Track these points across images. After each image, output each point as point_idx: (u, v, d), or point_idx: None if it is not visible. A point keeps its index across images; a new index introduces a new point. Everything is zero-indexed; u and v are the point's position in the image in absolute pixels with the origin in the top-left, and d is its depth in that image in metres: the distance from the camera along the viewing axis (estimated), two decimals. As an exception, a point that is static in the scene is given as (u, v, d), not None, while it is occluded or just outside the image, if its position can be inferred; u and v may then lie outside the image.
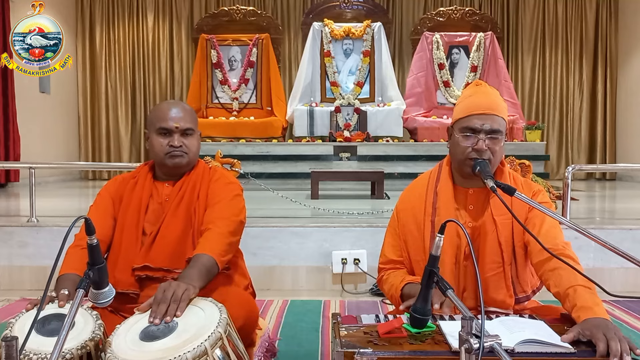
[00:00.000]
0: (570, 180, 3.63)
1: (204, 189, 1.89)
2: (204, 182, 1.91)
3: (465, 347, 1.09)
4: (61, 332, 1.12)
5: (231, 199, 1.87)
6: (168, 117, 1.86)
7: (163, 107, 1.92)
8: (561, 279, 1.50)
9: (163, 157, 1.86)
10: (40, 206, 3.87)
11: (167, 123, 1.85)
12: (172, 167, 1.87)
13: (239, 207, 1.88)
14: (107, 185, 1.97)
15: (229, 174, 2.00)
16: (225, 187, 1.89)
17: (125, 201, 1.88)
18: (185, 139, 1.87)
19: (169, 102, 1.98)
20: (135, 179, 1.93)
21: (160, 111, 1.90)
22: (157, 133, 1.86)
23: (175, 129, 1.85)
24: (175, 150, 1.85)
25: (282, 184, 6.47)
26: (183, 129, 1.86)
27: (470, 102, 1.69)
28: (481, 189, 1.71)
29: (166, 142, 1.85)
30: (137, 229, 1.83)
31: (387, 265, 1.82)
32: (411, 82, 7.88)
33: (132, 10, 9.05)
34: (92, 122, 9.05)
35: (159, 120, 1.87)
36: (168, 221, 1.83)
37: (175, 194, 1.87)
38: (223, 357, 1.36)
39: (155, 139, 1.87)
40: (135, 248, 1.80)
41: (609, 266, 3.34)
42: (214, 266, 1.66)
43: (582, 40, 8.93)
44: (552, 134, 8.99)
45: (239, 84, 7.86)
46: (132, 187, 1.90)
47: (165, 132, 1.85)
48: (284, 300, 3.18)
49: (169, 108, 1.88)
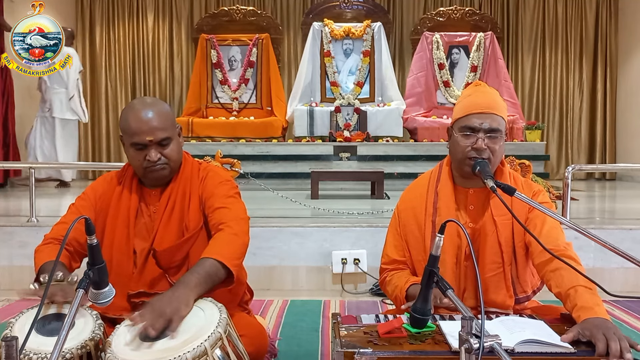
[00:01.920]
0: (570, 180, 3.62)
1: (196, 190, 1.76)
2: (194, 183, 1.77)
3: (465, 347, 1.09)
4: (61, 332, 1.12)
5: (233, 197, 1.77)
6: (140, 130, 1.66)
7: (132, 118, 1.68)
8: (562, 279, 1.50)
9: (143, 172, 1.72)
10: (40, 206, 3.87)
11: (140, 137, 1.66)
12: (155, 178, 1.74)
13: (242, 205, 1.79)
14: (93, 186, 1.84)
15: (222, 170, 1.88)
16: (222, 186, 1.78)
17: (112, 213, 1.75)
18: (164, 149, 1.70)
19: (137, 109, 1.69)
20: (121, 185, 1.79)
21: (130, 123, 1.68)
22: (131, 146, 1.70)
23: (149, 142, 1.67)
24: (154, 165, 1.69)
25: (282, 184, 6.47)
26: (158, 140, 1.68)
27: (469, 101, 1.69)
28: (481, 189, 1.71)
29: (143, 156, 1.68)
30: (127, 246, 1.72)
31: (390, 266, 1.82)
32: (411, 82, 7.88)
33: (132, 10, 9.04)
34: (92, 122, 9.04)
35: (129, 134, 1.68)
36: (161, 236, 1.71)
37: (165, 205, 1.73)
38: (223, 357, 1.36)
39: (130, 151, 1.71)
40: (127, 268, 1.70)
41: (609, 266, 3.34)
42: (219, 271, 1.55)
43: (582, 40, 8.93)
44: (552, 134, 8.98)
45: (239, 84, 7.86)
46: (118, 196, 1.77)
47: (140, 147, 1.68)
48: (284, 300, 3.17)
49: (140, 118, 1.67)
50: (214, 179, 1.80)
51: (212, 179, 1.80)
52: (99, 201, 1.80)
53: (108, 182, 1.83)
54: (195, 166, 1.84)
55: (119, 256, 1.72)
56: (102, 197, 1.80)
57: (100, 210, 1.78)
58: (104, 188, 1.81)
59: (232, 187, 1.81)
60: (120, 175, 1.83)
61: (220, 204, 1.73)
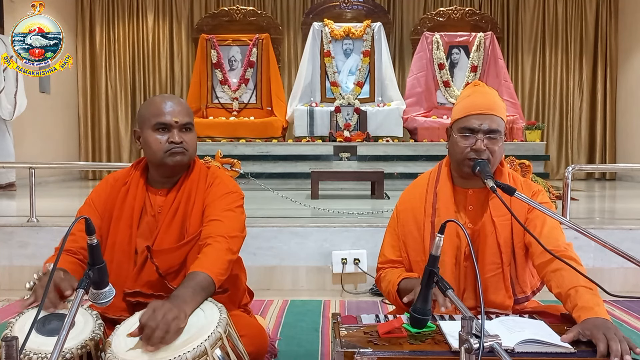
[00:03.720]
0: (570, 180, 3.62)
1: (200, 196, 1.74)
2: (200, 189, 1.76)
3: (465, 347, 1.09)
4: (61, 331, 1.12)
5: (232, 211, 1.73)
6: (165, 111, 1.69)
7: (157, 101, 1.73)
8: (563, 279, 1.50)
9: (162, 156, 1.70)
10: (40, 206, 3.87)
11: (165, 117, 1.69)
12: (172, 166, 1.72)
13: (241, 221, 1.75)
14: (96, 190, 1.82)
15: (229, 180, 1.84)
16: (225, 197, 1.74)
17: (116, 214, 1.74)
18: (185, 135, 1.72)
19: (162, 95, 1.78)
20: (127, 186, 1.77)
21: (155, 106, 1.72)
22: (154, 129, 1.70)
23: (174, 123, 1.69)
24: (177, 147, 1.69)
25: (282, 184, 6.47)
26: (182, 123, 1.71)
27: (469, 102, 1.69)
28: (481, 190, 1.71)
29: (165, 139, 1.69)
30: (129, 246, 1.71)
31: (386, 265, 1.82)
32: (411, 82, 7.88)
33: (132, 10, 9.04)
34: (92, 122, 9.05)
35: (154, 115, 1.70)
36: (161, 237, 1.70)
37: (169, 205, 1.73)
38: (223, 357, 1.36)
39: (151, 135, 1.70)
40: (127, 268, 1.70)
41: (609, 266, 3.34)
42: (211, 285, 1.54)
43: (582, 40, 8.93)
44: (552, 134, 8.98)
45: (239, 84, 7.86)
46: (123, 197, 1.76)
47: (164, 127, 1.69)
48: (284, 300, 3.18)
49: (165, 101, 1.72)
50: (220, 187, 1.78)
51: (218, 186, 1.77)
52: (103, 204, 1.78)
53: (111, 185, 1.81)
54: (204, 170, 1.82)
55: (120, 256, 1.71)
56: (106, 201, 1.78)
57: (105, 213, 1.77)
58: (107, 192, 1.80)
59: (235, 200, 1.77)
60: (126, 175, 1.82)
61: (216, 217, 1.70)
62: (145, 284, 1.69)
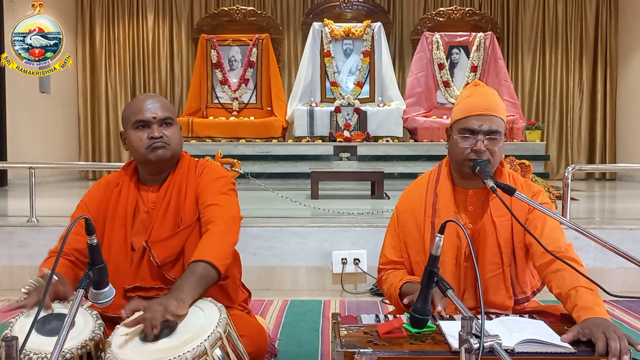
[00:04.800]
0: (570, 180, 3.62)
1: (192, 186, 1.78)
2: (190, 179, 1.79)
3: (465, 347, 1.09)
4: (61, 331, 1.12)
5: (226, 194, 1.77)
6: (144, 108, 1.74)
7: (136, 100, 1.80)
8: (564, 280, 1.50)
9: (145, 152, 1.73)
10: (40, 206, 3.87)
11: (145, 114, 1.73)
12: (155, 161, 1.74)
13: (236, 202, 1.79)
14: (89, 194, 1.85)
15: (218, 167, 1.89)
16: (216, 182, 1.78)
17: (110, 214, 1.77)
18: (166, 130, 1.75)
19: (142, 94, 1.85)
20: (119, 187, 1.81)
21: (134, 104, 1.78)
22: (135, 128, 1.74)
23: (153, 119, 1.73)
24: (157, 142, 1.72)
25: (282, 184, 6.47)
26: (161, 118, 1.74)
27: (469, 102, 1.69)
28: (481, 190, 1.71)
29: (145, 135, 1.73)
30: (125, 244, 1.73)
31: (387, 266, 1.82)
32: (411, 82, 7.88)
33: (132, 10, 9.05)
34: (92, 122, 9.05)
35: (134, 113, 1.75)
36: (157, 230, 1.73)
37: (162, 200, 1.76)
38: (223, 356, 1.36)
39: (133, 134, 1.74)
40: (124, 265, 1.71)
41: (609, 266, 3.34)
42: (211, 272, 1.57)
43: (582, 40, 8.93)
44: (552, 134, 8.98)
45: (239, 84, 7.86)
46: (116, 198, 1.79)
47: (143, 124, 1.73)
48: (284, 300, 3.17)
49: (144, 100, 1.77)
50: (210, 174, 1.81)
51: (208, 174, 1.81)
52: (97, 206, 1.81)
53: (104, 187, 1.84)
54: (193, 163, 1.86)
55: (117, 255, 1.73)
56: (100, 202, 1.81)
57: (99, 214, 1.79)
58: (101, 194, 1.83)
59: (227, 184, 1.81)
60: (118, 177, 1.85)
61: (212, 201, 1.73)
62: (144, 279, 1.71)
